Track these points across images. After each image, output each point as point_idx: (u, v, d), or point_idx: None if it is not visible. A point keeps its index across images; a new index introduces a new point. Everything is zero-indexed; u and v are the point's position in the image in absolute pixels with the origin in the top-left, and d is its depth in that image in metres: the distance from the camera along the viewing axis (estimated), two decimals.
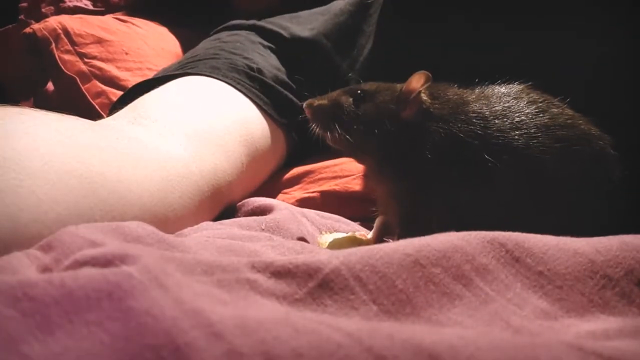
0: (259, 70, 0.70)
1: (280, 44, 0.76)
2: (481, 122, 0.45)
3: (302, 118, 0.51)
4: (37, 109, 0.46)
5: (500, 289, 0.31)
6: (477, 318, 0.28)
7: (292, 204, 0.68)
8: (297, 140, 0.74)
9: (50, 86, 1.02)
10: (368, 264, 0.29)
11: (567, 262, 0.32)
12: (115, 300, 0.21)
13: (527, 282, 0.31)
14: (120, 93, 0.79)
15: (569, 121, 0.46)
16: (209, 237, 0.41)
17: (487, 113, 0.46)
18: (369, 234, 0.51)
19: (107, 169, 0.44)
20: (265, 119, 0.68)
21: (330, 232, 0.52)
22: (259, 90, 0.69)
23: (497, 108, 0.46)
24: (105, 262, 0.24)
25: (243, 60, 0.70)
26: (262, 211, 0.54)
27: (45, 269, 0.28)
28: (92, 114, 0.85)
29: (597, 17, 0.62)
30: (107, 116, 0.64)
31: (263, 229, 0.48)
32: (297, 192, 0.71)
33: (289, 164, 0.75)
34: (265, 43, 0.76)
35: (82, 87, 0.89)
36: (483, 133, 0.45)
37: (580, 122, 0.47)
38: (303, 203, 0.66)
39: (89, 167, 0.42)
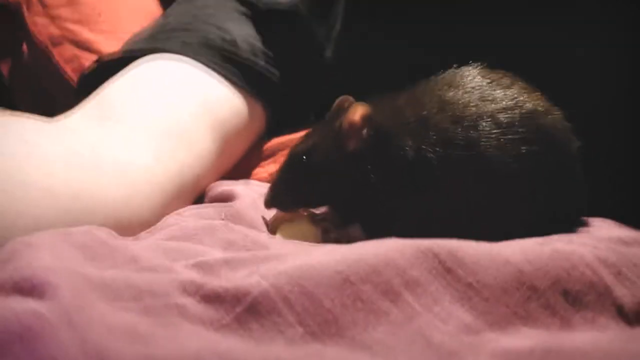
0: (234, 43, 0.69)
1: (254, 12, 0.75)
2: (420, 124, 0.44)
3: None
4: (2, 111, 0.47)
5: (428, 303, 0.32)
6: (400, 336, 0.30)
7: (265, 178, 0.69)
8: (277, 111, 0.74)
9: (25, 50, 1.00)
10: (297, 284, 0.30)
11: (497, 273, 0.33)
12: (25, 344, 0.23)
13: (456, 295, 0.32)
14: (93, 57, 0.78)
15: (510, 103, 0.44)
16: (161, 238, 0.42)
17: (424, 113, 0.44)
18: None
19: (71, 179, 0.44)
20: (240, 95, 0.68)
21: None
22: (233, 65, 0.68)
23: (432, 105, 0.45)
24: (30, 288, 0.26)
25: (217, 30, 0.69)
26: (225, 198, 0.55)
27: None
28: (63, 82, 0.85)
29: (583, 13, 0.61)
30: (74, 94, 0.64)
31: (222, 219, 0.49)
32: (271, 166, 0.71)
33: (274, 133, 0.74)
34: (241, 8, 0.75)
35: (54, 51, 0.88)
36: (424, 134, 0.44)
37: (527, 100, 0.45)
38: None
39: (52, 178, 0.43)
